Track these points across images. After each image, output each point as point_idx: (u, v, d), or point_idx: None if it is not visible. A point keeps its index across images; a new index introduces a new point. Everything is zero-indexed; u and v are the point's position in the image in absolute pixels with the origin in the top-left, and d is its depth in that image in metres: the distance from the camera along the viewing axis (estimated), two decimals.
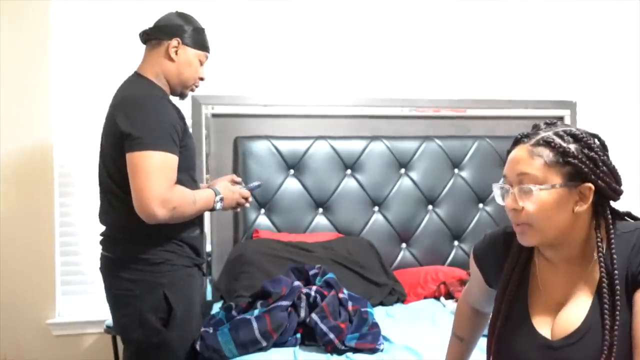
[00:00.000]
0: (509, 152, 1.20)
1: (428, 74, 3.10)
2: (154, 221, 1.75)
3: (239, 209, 2.13)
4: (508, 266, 1.24)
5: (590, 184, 1.11)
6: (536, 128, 1.18)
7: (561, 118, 3.07)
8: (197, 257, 1.99)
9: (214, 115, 2.75)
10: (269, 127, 2.82)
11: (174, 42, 1.90)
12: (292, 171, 2.81)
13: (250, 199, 2.10)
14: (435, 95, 3.03)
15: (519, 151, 1.15)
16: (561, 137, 1.13)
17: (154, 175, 1.72)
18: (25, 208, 2.75)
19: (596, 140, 1.15)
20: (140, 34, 1.97)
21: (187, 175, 1.91)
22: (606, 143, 1.18)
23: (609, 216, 1.14)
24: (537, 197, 1.11)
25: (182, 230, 1.89)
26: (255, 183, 2.18)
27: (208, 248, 2.69)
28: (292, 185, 2.80)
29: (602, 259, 1.11)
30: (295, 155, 2.80)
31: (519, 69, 3.19)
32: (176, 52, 1.91)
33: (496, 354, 1.24)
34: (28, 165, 2.74)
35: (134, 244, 1.85)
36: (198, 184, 2.02)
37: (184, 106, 2.12)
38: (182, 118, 1.88)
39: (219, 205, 1.94)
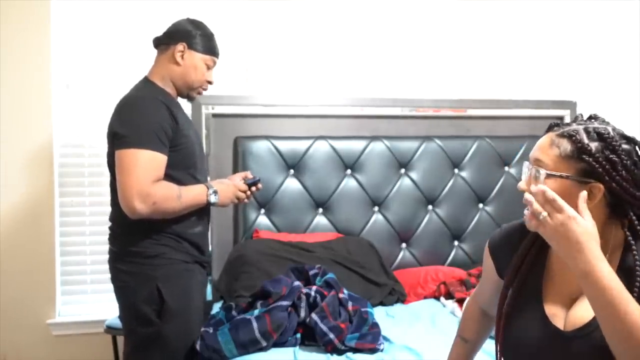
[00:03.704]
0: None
1: (428, 74, 3.10)
2: (136, 216, 1.81)
3: (241, 202, 2.15)
4: (523, 248, 1.24)
5: (600, 185, 1.10)
6: (574, 119, 1.20)
7: (561, 118, 3.07)
8: (200, 254, 2.03)
9: (214, 115, 2.76)
10: (269, 127, 2.82)
11: (180, 46, 1.98)
12: (292, 171, 2.81)
13: (250, 194, 2.11)
14: (436, 95, 3.03)
15: (545, 138, 1.17)
16: (588, 133, 1.13)
17: (136, 171, 1.79)
18: (25, 208, 2.75)
19: (625, 146, 1.12)
20: (153, 40, 2.04)
21: (187, 174, 1.96)
22: None
23: (634, 218, 1.12)
24: (544, 182, 1.12)
25: (180, 226, 1.94)
26: (256, 177, 2.17)
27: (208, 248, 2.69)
28: (292, 185, 2.80)
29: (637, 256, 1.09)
30: (295, 155, 2.80)
31: (519, 69, 3.19)
32: (182, 56, 1.98)
33: (505, 341, 1.23)
34: (28, 166, 2.74)
35: (130, 237, 1.91)
36: (202, 181, 2.03)
37: (184, 106, 2.14)
38: (175, 119, 1.92)
39: (213, 198, 1.96)
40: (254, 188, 2.13)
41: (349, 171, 2.86)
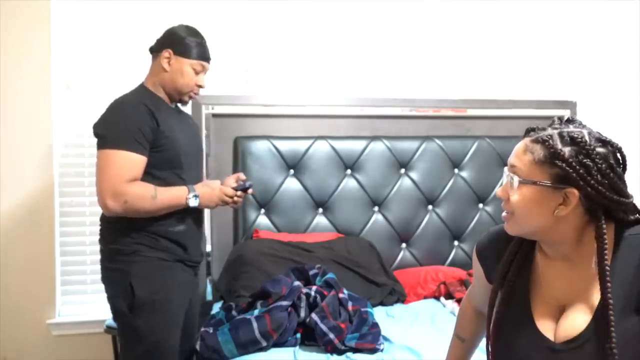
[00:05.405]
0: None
1: (428, 74, 3.10)
2: (109, 213, 1.91)
3: (233, 206, 2.16)
4: (508, 254, 1.23)
5: (575, 190, 1.08)
6: (551, 123, 1.18)
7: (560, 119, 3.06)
8: (184, 253, 2.04)
9: (214, 115, 2.76)
10: (269, 127, 2.82)
11: (165, 53, 2.03)
12: (292, 171, 2.81)
13: (238, 199, 2.10)
14: (436, 95, 3.03)
15: (520, 143, 1.17)
16: (562, 137, 1.11)
17: (110, 170, 1.88)
18: (25, 208, 2.75)
19: (600, 149, 1.10)
20: (149, 49, 2.10)
21: (173, 174, 2.01)
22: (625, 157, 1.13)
23: (602, 224, 1.10)
24: (518, 189, 1.13)
25: (159, 224, 1.98)
26: (247, 183, 2.15)
27: (208, 248, 2.69)
28: (292, 185, 2.80)
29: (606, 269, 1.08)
30: (295, 155, 2.80)
31: (519, 69, 3.19)
32: (168, 62, 2.03)
33: (496, 350, 1.23)
34: (28, 166, 2.74)
35: (112, 236, 1.99)
36: (189, 182, 2.03)
37: (187, 109, 2.16)
38: (157, 122, 1.96)
39: (192, 202, 1.99)
40: (246, 192, 2.13)
41: (349, 171, 2.86)
